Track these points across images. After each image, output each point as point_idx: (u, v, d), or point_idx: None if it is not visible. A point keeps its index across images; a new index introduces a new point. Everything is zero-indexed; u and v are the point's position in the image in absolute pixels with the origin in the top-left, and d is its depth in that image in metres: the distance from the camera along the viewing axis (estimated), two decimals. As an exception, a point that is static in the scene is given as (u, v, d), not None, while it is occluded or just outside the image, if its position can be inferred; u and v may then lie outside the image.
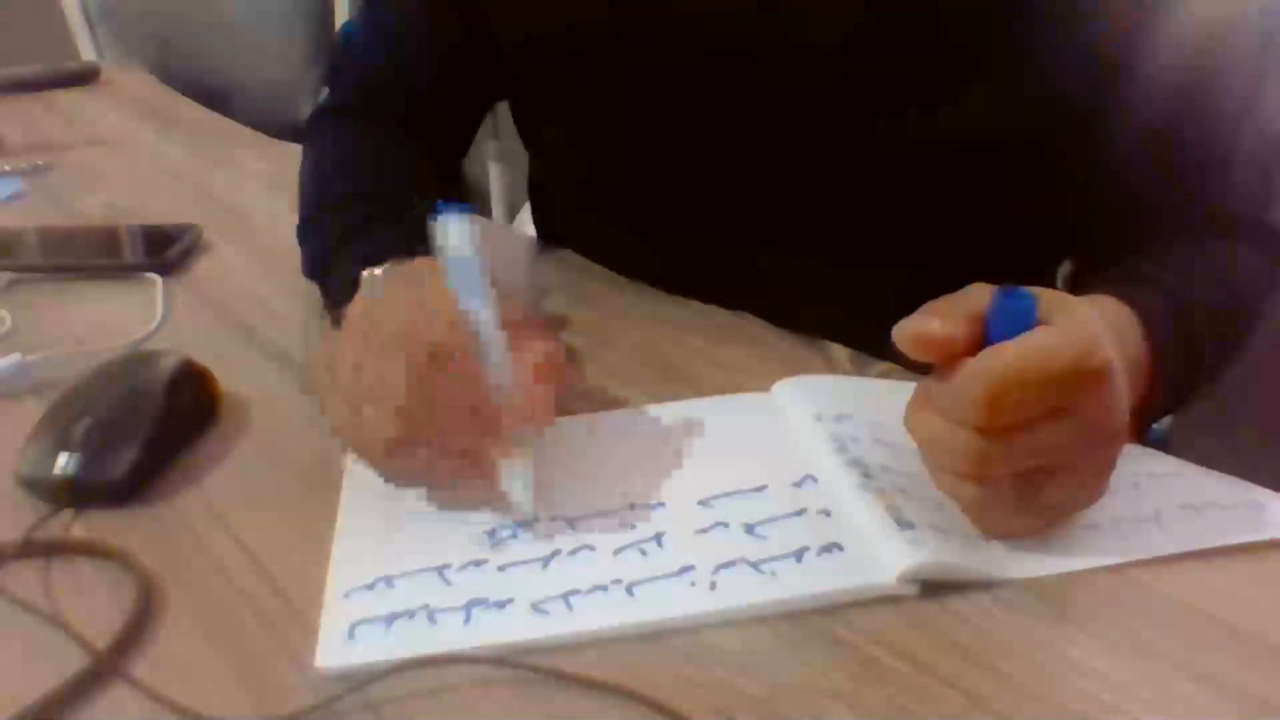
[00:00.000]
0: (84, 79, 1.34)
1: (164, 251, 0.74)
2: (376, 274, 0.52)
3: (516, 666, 0.37)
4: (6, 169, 0.99)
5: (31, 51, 1.39)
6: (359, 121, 0.73)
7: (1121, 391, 0.39)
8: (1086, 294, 0.49)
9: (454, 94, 0.73)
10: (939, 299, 0.40)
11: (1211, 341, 0.53)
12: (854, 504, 0.44)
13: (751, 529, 0.44)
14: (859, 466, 0.46)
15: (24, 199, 0.92)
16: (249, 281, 0.73)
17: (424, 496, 0.47)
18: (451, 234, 0.44)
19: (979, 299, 0.39)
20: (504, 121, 1.18)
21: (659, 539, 0.44)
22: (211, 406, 0.55)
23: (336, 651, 0.39)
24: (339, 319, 0.49)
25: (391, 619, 0.40)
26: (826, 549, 0.42)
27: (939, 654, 0.38)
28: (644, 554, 0.43)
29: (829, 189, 0.62)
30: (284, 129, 1.09)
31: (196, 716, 0.36)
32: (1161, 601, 0.40)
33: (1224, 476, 0.47)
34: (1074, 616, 0.39)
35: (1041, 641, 0.38)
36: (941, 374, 0.39)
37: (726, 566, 0.42)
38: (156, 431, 0.50)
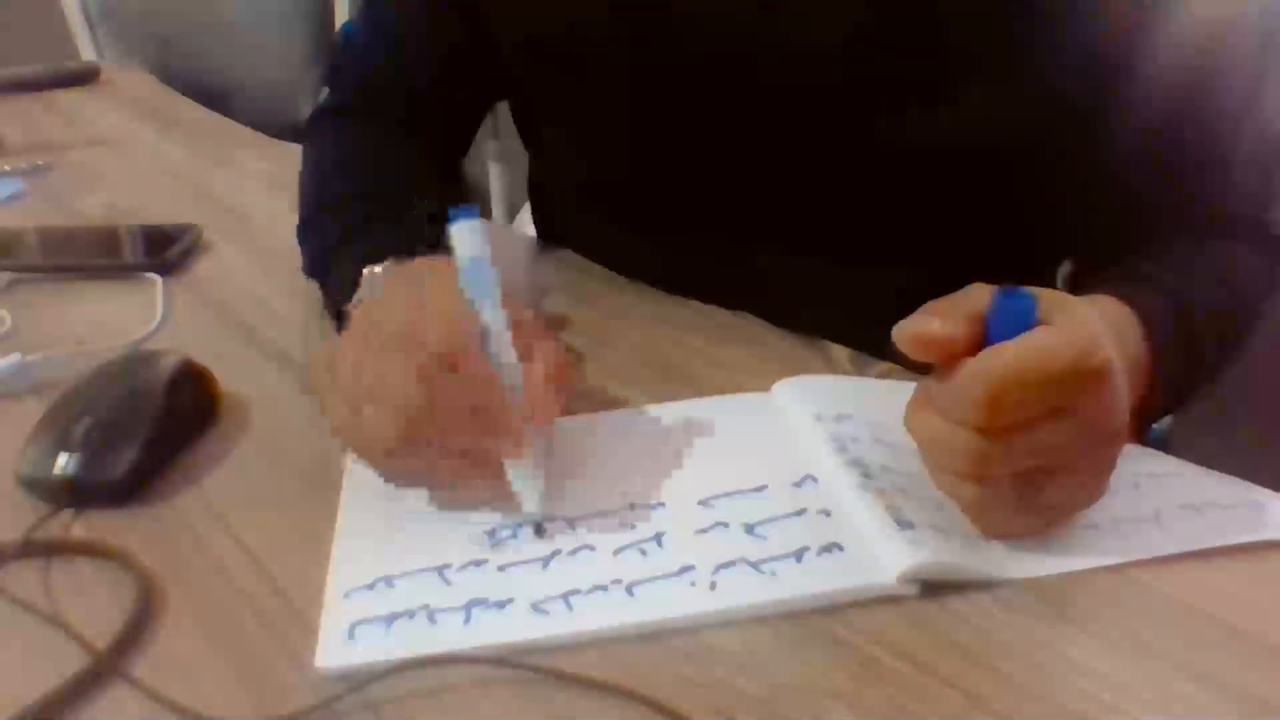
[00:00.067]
0: (84, 79, 1.34)
1: (164, 251, 0.74)
2: (377, 272, 0.53)
3: (516, 666, 0.37)
4: (6, 169, 0.99)
5: (31, 51, 1.39)
6: (359, 121, 0.73)
7: (1121, 391, 0.39)
8: (1086, 294, 0.49)
9: (454, 94, 0.73)
10: (939, 299, 0.40)
11: (1211, 341, 0.53)
12: (854, 504, 0.44)
13: (751, 529, 0.44)
14: (859, 466, 0.46)
15: (24, 199, 0.92)
16: (249, 281, 0.73)
17: (424, 496, 0.47)
18: (464, 238, 0.44)
19: (979, 299, 0.39)
20: (504, 121, 1.18)
21: (659, 539, 0.44)
22: (211, 406, 0.55)
23: (336, 651, 0.39)
24: (340, 319, 0.49)
25: (391, 619, 0.40)
26: (826, 549, 0.42)
27: (939, 654, 0.38)
28: (644, 554, 0.43)
29: (829, 189, 0.62)
30: (284, 129, 1.09)
31: (196, 716, 0.36)
32: (1161, 601, 0.40)
33: (1224, 476, 0.47)
34: (1074, 616, 0.39)
35: (1041, 641, 0.38)
36: (941, 374, 0.39)
37: (726, 566, 0.42)
38: (156, 431, 0.50)
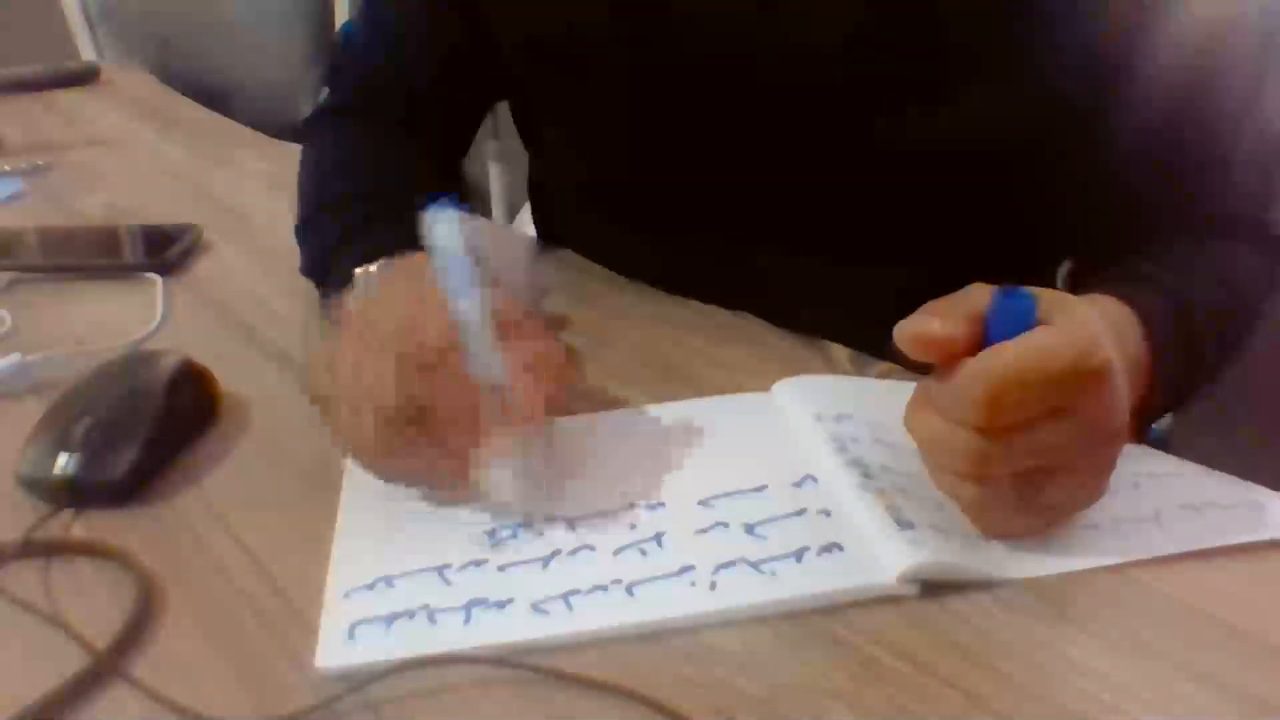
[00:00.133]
0: (84, 79, 1.34)
1: (164, 251, 0.74)
2: (371, 271, 0.52)
3: (516, 666, 0.37)
4: (6, 169, 0.99)
5: (31, 51, 1.39)
6: (359, 121, 0.73)
7: (1121, 391, 0.39)
8: (1086, 294, 0.49)
9: (454, 94, 0.73)
10: (939, 299, 0.40)
11: (1211, 341, 0.53)
12: (854, 504, 0.44)
13: (751, 529, 0.44)
14: (859, 466, 0.46)
15: (24, 199, 0.92)
16: (249, 281, 0.73)
17: (424, 495, 0.47)
18: (439, 230, 0.44)
19: (979, 299, 0.39)
20: (504, 121, 1.18)
21: (659, 539, 0.44)
22: (211, 406, 0.55)
23: (336, 651, 0.39)
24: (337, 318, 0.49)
25: (391, 619, 0.40)
26: (826, 549, 0.42)
27: (939, 654, 0.38)
28: (644, 554, 0.43)
29: (829, 189, 0.62)
30: (284, 129, 1.09)
31: (196, 716, 0.36)
32: (1161, 601, 0.40)
33: (1224, 476, 0.47)
34: (1074, 616, 0.39)
35: (1041, 641, 0.38)
36: (941, 374, 0.39)
37: (726, 566, 0.42)
38: (156, 431, 0.50)
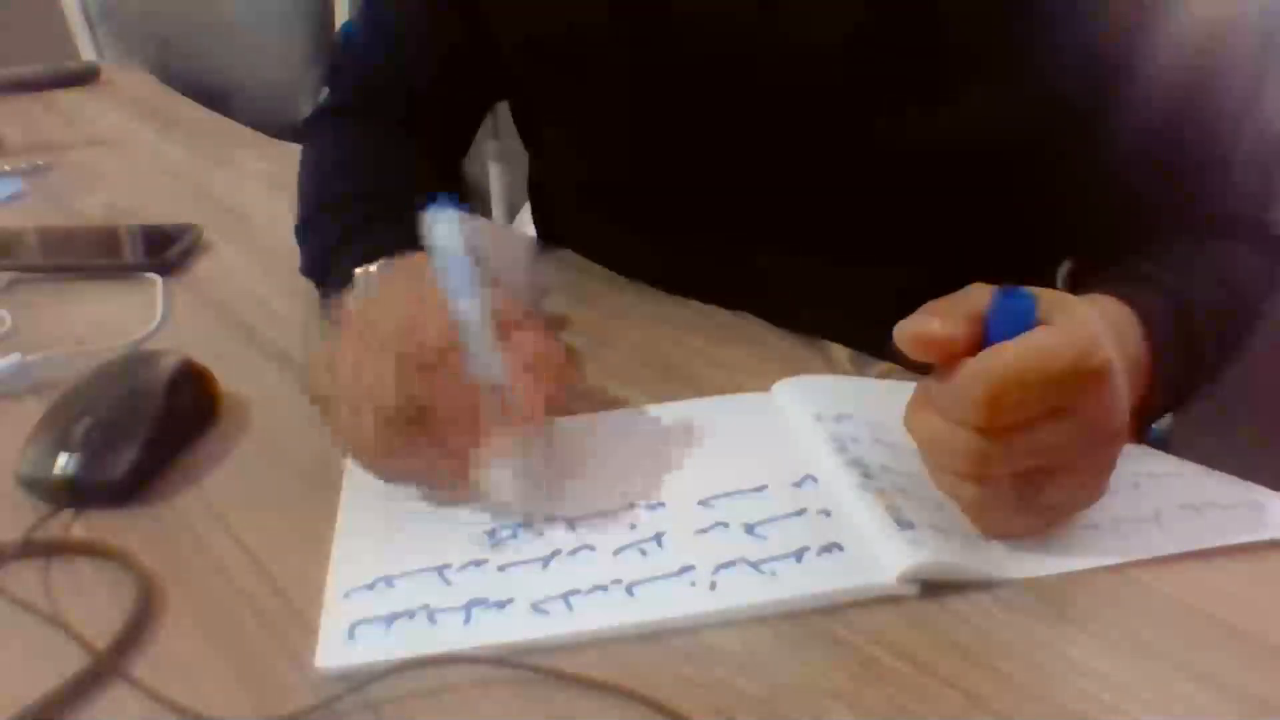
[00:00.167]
0: (84, 79, 1.34)
1: (164, 251, 0.74)
2: (371, 271, 0.52)
3: (516, 666, 0.37)
4: (6, 169, 0.99)
5: (31, 51, 1.39)
6: (359, 121, 0.73)
7: (1121, 391, 0.39)
8: (1086, 294, 0.49)
9: (454, 94, 0.73)
10: (939, 299, 0.40)
11: (1211, 341, 0.53)
12: (854, 504, 0.44)
13: (751, 529, 0.44)
14: (859, 466, 0.46)
15: (24, 199, 0.92)
16: (249, 281, 0.73)
17: (424, 495, 0.47)
18: (439, 230, 0.44)
19: (979, 299, 0.39)
20: (504, 121, 1.18)
21: (659, 539, 0.44)
22: (211, 406, 0.55)
23: (336, 651, 0.39)
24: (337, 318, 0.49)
25: (391, 619, 0.40)
26: (826, 549, 0.42)
27: (939, 654, 0.38)
28: (644, 554, 0.43)
29: (829, 189, 0.62)
30: (284, 129, 1.09)
31: (196, 716, 0.36)
32: (1161, 601, 0.40)
33: (1224, 476, 0.47)
34: (1074, 616, 0.39)
35: (1041, 641, 0.38)
36: (941, 374, 0.39)
37: (726, 566, 0.42)
38: (156, 431, 0.50)
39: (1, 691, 0.37)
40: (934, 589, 0.40)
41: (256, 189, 0.92)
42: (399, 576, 0.42)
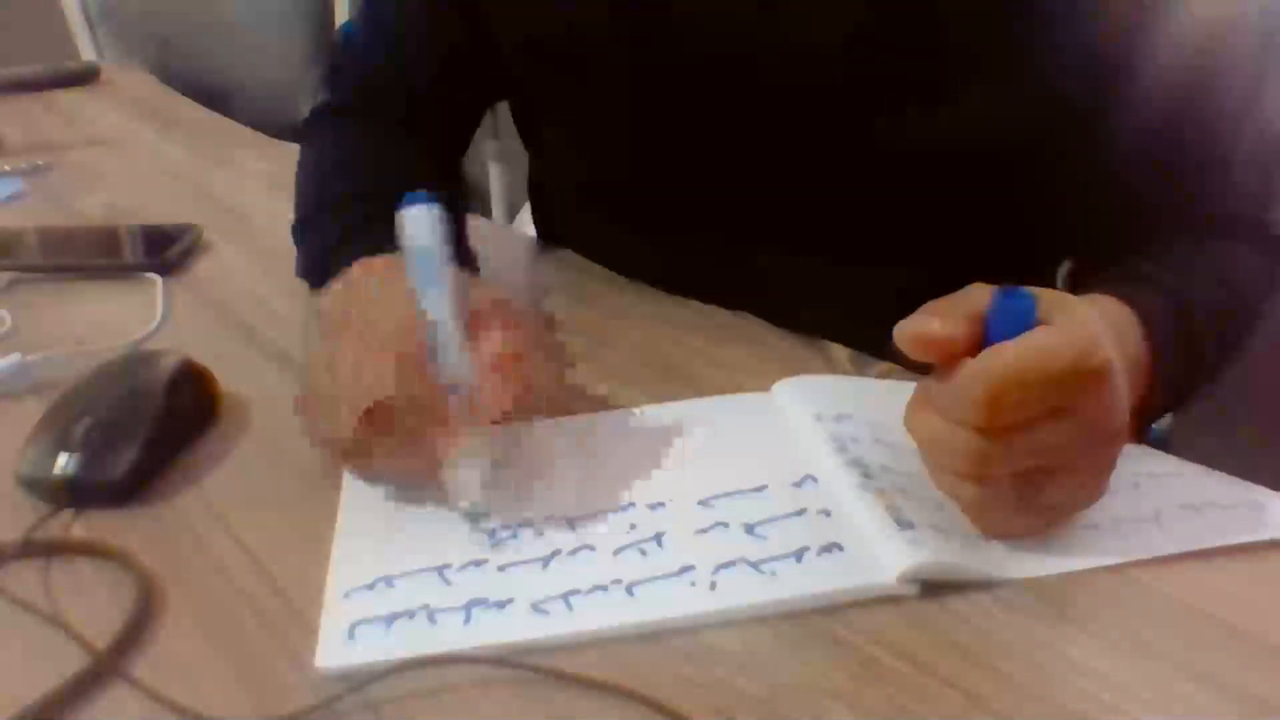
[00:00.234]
0: (84, 79, 1.34)
1: (164, 251, 0.74)
2: (350, 270, 0.52)
3: (516, 666, 0.37)
4: (6, 169, 0.99)
5: (31, 51, 1.39)
6: (359, 121, 0.73)
7: (1121, 391, 0.39)
8: (1086, 294, 0.49)
9: (454, 94, 0.73)
10: (939, 299, 0.40)
11: (1211, 341, 0.53)
12: (854, 504, 0.44)
13: (751, 529, 0.44)
14: (859, 466, 0.46)
15: (24, 199, 0.93)
16: (249, 281, 0.73)
17: (425, 495, 0.47)
18: (409, 225, 0.44)
19: (979, 299, 0.39)
20: (504, 121, 1.18)
21: (659, 539, 0.44)
22: (211, 406, 0.55)
23: (336, 651, 0.39)
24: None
25: (391, 619, 0.40)
26: (826, 549, 0.42)
27: (939, 654, 0.38)
28: (644, 554, 0.43)
29: (829, 189, 0.62)
30: (284, 129, 1.09)
31: (196, 716, 0.36)
32: (1161, 601, 0.40)
33: (1224, 476, 0.47)
34: (1074, 616, 0.39)
35: (1041, 641, 0.38)
36: (941, 374, 0.39)
37: (726, 566, 0.42)
38: (156, 431, 0.50)
39: (1, 691, 0.37)
40: (934, 589, 0.40)
41: (256, 189, 0.92)
42: (399, 576, 0.42)
